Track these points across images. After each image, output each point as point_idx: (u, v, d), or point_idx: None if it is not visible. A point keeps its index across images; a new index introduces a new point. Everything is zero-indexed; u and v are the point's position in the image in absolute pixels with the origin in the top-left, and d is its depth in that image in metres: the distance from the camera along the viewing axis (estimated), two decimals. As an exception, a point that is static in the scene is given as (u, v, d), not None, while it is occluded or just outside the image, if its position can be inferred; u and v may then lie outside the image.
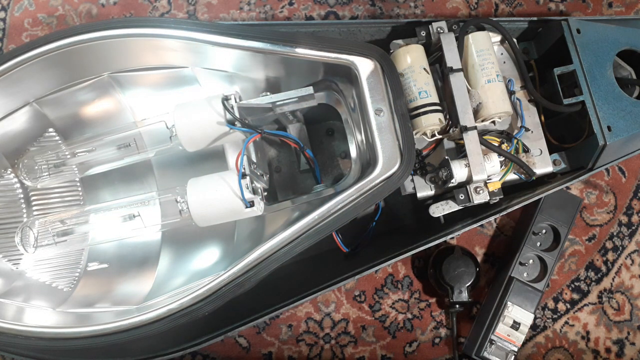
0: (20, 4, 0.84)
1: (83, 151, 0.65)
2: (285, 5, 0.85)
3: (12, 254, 0.65)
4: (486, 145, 0.62)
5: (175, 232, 0.68)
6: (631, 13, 0.87)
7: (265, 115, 0.65)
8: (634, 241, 0.81)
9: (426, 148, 0.65)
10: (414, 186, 0.64)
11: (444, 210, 0.64)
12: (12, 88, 0.61)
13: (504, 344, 0.70)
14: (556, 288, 0.79)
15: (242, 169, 0.56)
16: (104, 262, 0.68)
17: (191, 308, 0.56)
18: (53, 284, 0.66)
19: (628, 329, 0.79)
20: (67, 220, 0.64)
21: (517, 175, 0.65)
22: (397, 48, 0.63)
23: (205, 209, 0.57)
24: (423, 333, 0.77)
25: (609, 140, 0.63)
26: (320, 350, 0.77)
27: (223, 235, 0.69)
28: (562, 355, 0.78)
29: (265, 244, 0.56)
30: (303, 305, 0.77)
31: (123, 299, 0.66)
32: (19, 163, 0.66)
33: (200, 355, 0.76)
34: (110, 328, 0.56)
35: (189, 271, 0.68)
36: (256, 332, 0.76)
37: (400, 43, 0.64)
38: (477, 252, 0.79)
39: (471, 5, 0.86)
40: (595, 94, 0.64)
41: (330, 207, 0.55)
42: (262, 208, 0.58)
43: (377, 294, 0.78)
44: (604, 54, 0.66)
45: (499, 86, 0.64)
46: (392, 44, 0.64)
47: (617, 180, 0.82)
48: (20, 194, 0.67)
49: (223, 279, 0.56)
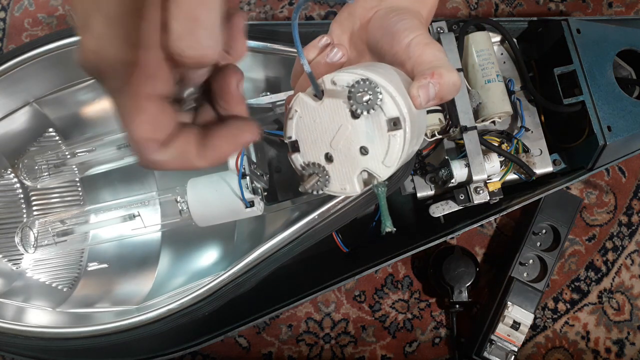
0: (20, 4, 0.84)
1: (83, 151, 0.65)
2: (285, 5, 0.85)
3: (12, 254, 0.65)
4: (486, 145, 0.62)
5: (175, 232, 0.68)
6: (631, 13, 0.87)
7: (265, 115, 0.65)
8: (634, 241, 0.81)
9: (426, 148, 0.65)
10: (414, 186, 0.64)
11: (444, 210, 0.64)
12: (12, 88, 0.61)
13: (504, 344, 0.70)
14: (556, 288, 0.79)
15: (242, 169, 0.55)
16: (104, 262, 0.68)
17: (191, 308, 0.56)
18: (53, 284, 0.66)
19: (628, 329, 0.78)
20: (67, 220, 0.64)
21: (517, 175, 0.65)
22: (397, 48, 0.63)
23: (205, 209, 0.57)
24: (423, 333, 0.77)
25: (609, 140, 0.63)
26: (320, 350, 0.77)
27: (223, 235, 0.69)
28: (562, 355, 0.78)
29: (265, 244, 0.56)
30: (303, 305, 0.77)
31: (123, 299, 0.66)
32: (19, 163, 0.66)
33: (200, 355, 0.76)
34: (110, 328, 0.56)
35: (189, 271, 0.68)
36: (256, 332, 0.76)
37: (400, 43, 0.64)
38: (477, 252, 0.79)
39: (471, 5, 0.86)
40: (595, 94, 0.64)
41: (330, 207, 0.56)
42: (262, 208, 0.58)
43: (377, 294, 0.78)
44: (604, 54, 0.66)
45: (499, 86, 0.64)
46: (392, 44, 0.64)
47: (617, 180, 0.82)
48: (20, 194, 0.67)
49: (223, 279, 0.56)
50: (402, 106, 0.34)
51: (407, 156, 0.36)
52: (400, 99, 0.34)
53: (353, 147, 0.35)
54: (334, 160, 0.36)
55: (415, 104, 0.35)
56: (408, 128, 0.34)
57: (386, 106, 0.33)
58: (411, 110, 0.35)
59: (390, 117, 0.33)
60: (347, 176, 0.36)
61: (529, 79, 0.68)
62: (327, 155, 0.36)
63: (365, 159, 0.35)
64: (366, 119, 0.34)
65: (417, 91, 0.35)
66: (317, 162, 0.36)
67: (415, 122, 0.36)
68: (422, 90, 0.35)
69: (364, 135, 0.34)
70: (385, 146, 0.34)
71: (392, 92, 0.34)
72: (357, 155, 0.35)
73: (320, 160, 0.36)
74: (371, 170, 0.35)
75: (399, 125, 0.33)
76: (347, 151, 0.35)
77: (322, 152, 0.36)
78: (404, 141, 0.34)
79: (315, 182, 0.36)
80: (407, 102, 0.34)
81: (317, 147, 0.36)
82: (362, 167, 0.35)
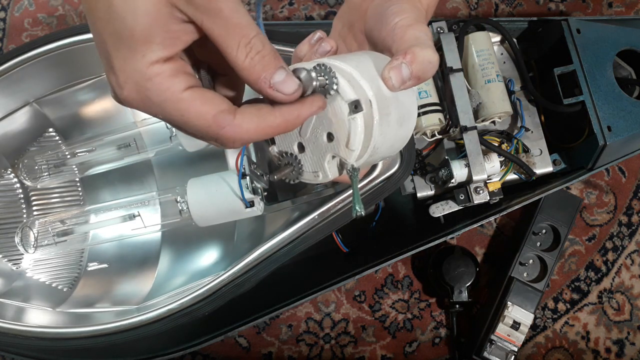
0: (20, 4, 0.84)
1: (83, 151, 0.66)
2: (285, 5, 0.85)
3: (12, 254, 0.65)
4: (486, 145, 0.62)
5: (175, 232, 0.68)
6: (631, 13, 0.87)
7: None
8: (634, 241, 0.81)
9: (426, 148, 0.65)
10: (414, 186, 0.64)
11: (444, 210, 0.64)
12: (12, 88, 0.61)
13: (504, 344, 0.70)
14: (556, 288, 0.79)
15: (242, 169, 0.55)
16: (104, 262, 0.68)
17: (191, 308, 0.56)
18: (53, 284, 0.66)
19: (628, 329, 0.79)
20: (67, 220, 0.64)
21: (517, 175, 0.65)
22: (397, 48, 0.63)
23: (205, 209, 0.57)
24: (423, 333, 0.77)
25: (609, 140, 0.63)
26: (320, 350, 0.77)
27: (223, 235, 0.69)
28: (562, 355, 0.78)
29: (265, 244, 0.56)
30: (303, 305, 0.77)
31: (123, 299, 0.66)
32: (19, 163, 0.66)
33: (200, 355, 0.76)
34: (110, 328, 0.56)
35: (189, 271, 0.68)
36: (256, 332, 0.76)
37: (400, 43, 0.64)
38: (477, 252, 0.79)
39: (471, 5, 0.86)
40: (595, 94, 0.64)
41: (330, 207, 0.56)
42: (262, 208, 0.58)
43: (377, 294, 0.78)
44: (604, 54, 0.66)
45: (499, 86, 0.64)
46: (392, 44, 0.64)
47: (617, 180, 0.82)
48: (20, 194, 0.67)
49: (223, 279, 0.56)
50: (366, 89, 0.34)
51: (387, 140, 0.36)
52: (366, 83, 0.34)
53: (320, 134, 0.36)
54: (306, 148, 0.37)
55: (387, 85, 0.35)
56: (375, 111, 0.34)
57: (343, 90, 0.34)
58: (382, 92, 0.35)
59: (349, 100, 0.33)
60: (319, 163, 0.36)
61: (529, 79, 0.67)
62: (299, 144, 0.37)
63: (332, 145, 0.35)
64: (329, 105, 0.34)
65: (388, 73, 0.34)
66: (290, 152, 0.37)
67: (393, 105, 0.36)
68: (393, 72, 0.34)
69: (328, 121, 0.35)
70: (347, 130, 0.34)
71: (355, 75, 0.34)
72: (324, 142, 0.35)
73: (293, 150, 0.37)
74: (338, 155, 0.35)
75: (360, 108, 0.33)
76: (314, 139, 0.36)
77: (294, 142, 0.37)
78: (364, 124, 0.34)
79: (289, 171, 0.37)
80: (376, 85, 0.35)
81: (289, 137, 0.37)
82: (331, 153, 0.36)
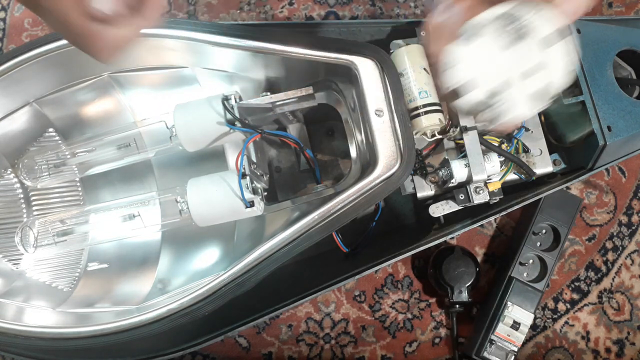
0: (20, 4, 0.84)
1: (83, 151, 0.65)
2: (285, 6, 0.85)
3: (12, 254, 0.65)
4: (486, 145, 0.62)
5: (175, 232, 0.68)
6: (631, 13, 0.87)
7: (265, 115, 0.65)
8: (634, 241, 0.81)
9: (426, 148, 0.65)
10: (414, 186, 0.64)
11: (444, 210, 0.64)
12: (12, 88, 0.61)
13: (504, 344, 0.70)
14: (556, 288, 0.79)
15: (242, 169, 0.56)
16: (104, 262, 0.68)
17: (191, 308, 0.56)
18: (53, 284, 0.66)
19: (628, 329, 0.79)
20: (67, 220, 0.64)
21: (517, 175, 0.65)
22: (397, 48, 0.63)
23: (205, 209, 0.57)
24: (423, 333, 0.77)
25: (609, 140, 0.63)
26: (320, 350, 0.77)
27: (223, 235, 0.69)
28: (562, 355, 0.78)
29: (265, 244, 0.56)
30: (303, 305, 0.77)
31: (123, 299, 0.66)
32: (19, 163, 0.66)
33: (200, 355, 0.76)
34: (110, 328, 0.56)
35: (189, 271, 0.68)
36: (256, 332, 0.76)
37: (400, 43, 0.64)
38: (477, 252, 0.79)
39: (471, 5, 0.86)
40: (595, 94, 0.64)
41: (330, 207, 0.55)
42: (262, 208, 0.58)
43: (377, 294, 0.78)
44: (604, 54, 0.66)
45: (499, 86, 0.64)
46: (392, 44, 0.64)
47: (617, 180, 0.82)
48: (20, 194, 0.67)
49: (223, 279, 0.56)
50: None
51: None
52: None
53: (527, 66, 0.39)
54: (512, 86, 0.39)
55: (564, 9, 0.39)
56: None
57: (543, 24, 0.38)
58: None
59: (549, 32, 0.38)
60: (526, 96, 0.40)
61: (529, 79, 0.67)
62: (502, 84, 0.40)
63: (542, 75, 0.39)
64: (526, 44, 0.38)
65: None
66: (497, 91, 0.40)
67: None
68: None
69: (534, 55, 0.38)
70: (561, 54, 0.38)
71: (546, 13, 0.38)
72: (532, 74, 0.39)
73: (498, 89, 0.40)
74: (553, 81, 0.39)
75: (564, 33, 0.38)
76: (521, 74, 0.39)
77: (494, 83, 0.40)
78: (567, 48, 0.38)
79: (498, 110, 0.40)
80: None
81: (489, 79, 0.40)
82: (544, 82, 0.39)
